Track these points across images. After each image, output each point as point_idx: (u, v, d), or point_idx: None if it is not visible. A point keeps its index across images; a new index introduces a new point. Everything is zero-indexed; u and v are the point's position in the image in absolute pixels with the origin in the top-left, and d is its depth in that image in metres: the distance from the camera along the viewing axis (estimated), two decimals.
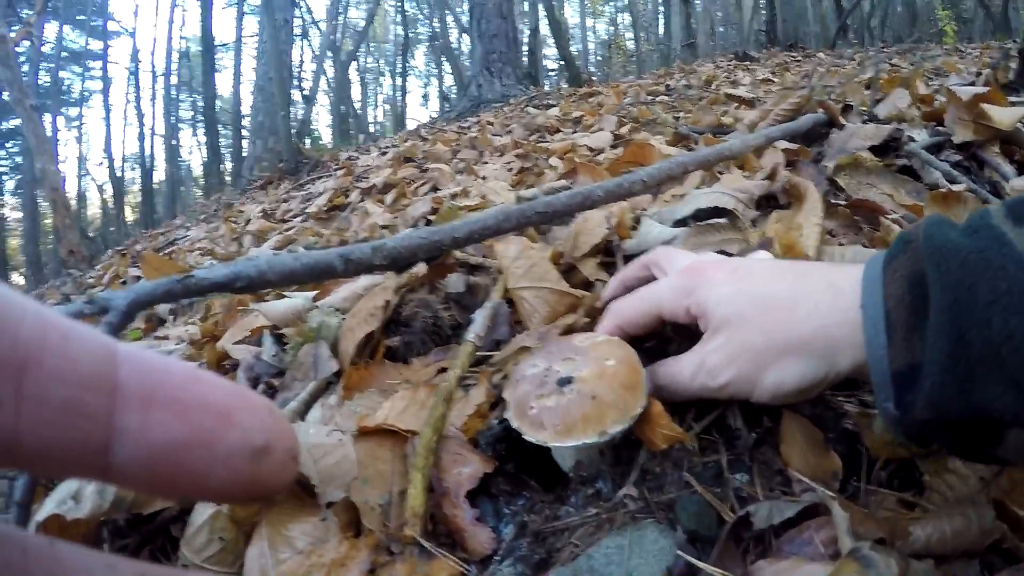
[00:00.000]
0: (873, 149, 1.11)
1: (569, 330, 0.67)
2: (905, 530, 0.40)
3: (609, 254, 0.94)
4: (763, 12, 8.01)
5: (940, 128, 1.18)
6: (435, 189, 2.50)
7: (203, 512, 0.59)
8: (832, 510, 0.42)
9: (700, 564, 0.40)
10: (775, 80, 3.55)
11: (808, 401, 0.54)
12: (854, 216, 0.87)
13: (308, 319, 0.98)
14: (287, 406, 0.84)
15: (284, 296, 1.27)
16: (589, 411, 0.44)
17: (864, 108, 1.42)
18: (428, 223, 1.78)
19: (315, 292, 1.18)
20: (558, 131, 3.05)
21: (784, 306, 0.46)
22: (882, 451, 0.49)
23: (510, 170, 2.30)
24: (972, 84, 1.64)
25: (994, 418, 0.34)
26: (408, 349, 0.90)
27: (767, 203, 1.01)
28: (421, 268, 1.05)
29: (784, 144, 1.11)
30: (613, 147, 2.11)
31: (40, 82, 16.82)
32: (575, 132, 2.84)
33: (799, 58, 5.51)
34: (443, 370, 0.80)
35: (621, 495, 0.47)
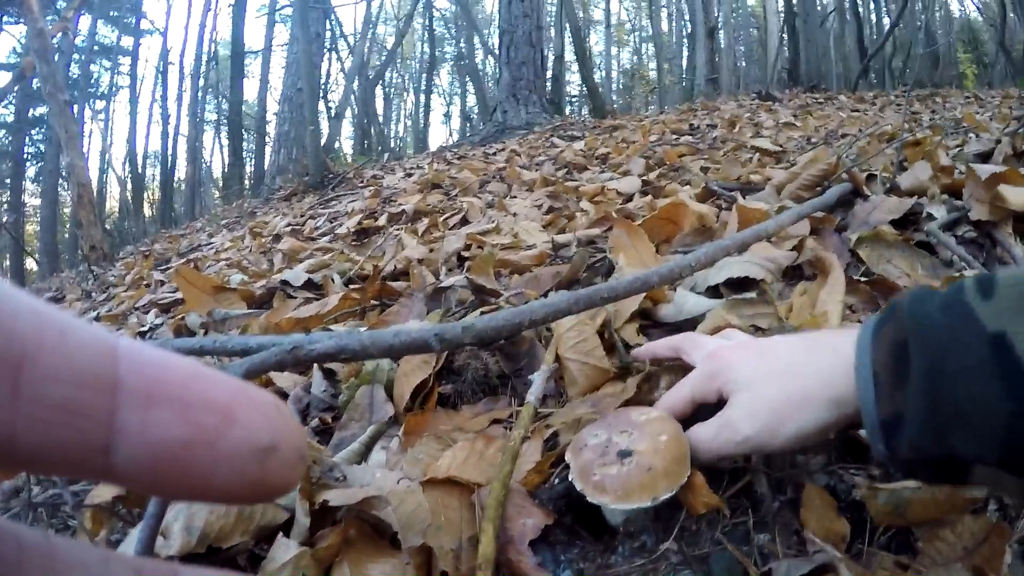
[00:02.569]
0: (894, 223, 1.20)
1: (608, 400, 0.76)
2: None
3: (646, 317, 1.03)
4: (787, 49, 8.16)
5: (957, 202, 1.26)
6: (465, 221, 2.60)
7: (287, 549, 0.66)
8: (839, 569, 0.51)
9: None
10: (797, 124, 3.65)
11: (825, 472, 0.63)
12: (873, 292, 0.96)
13: (364, 362, 1.07)
14: (348, 447, 0.94)
15: (330, 329, 1.37)
16: (645, 480, 0.54)
17: (887, 175, 1.51)
18: (461, 259, 1.88)
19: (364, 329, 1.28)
20: (585, 168, 3.16)
21: (797, 370, 0.55)
22: (884, 519, 0.58)
23: (539, 207, 2.40)
24: (992, 150, 1.73)
25: (962, 458, 0.42)
26: (459, 397, 0.99)
27: (793, 272, 1.10)
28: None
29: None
30: (642, 193, 2.21)
31: (69, 73, 17.15)
32: (602, 171, 2.94)
33: (820, 100, 5.61)
34: (495, 421, 0.90)
35: (663, 548, 0.57)
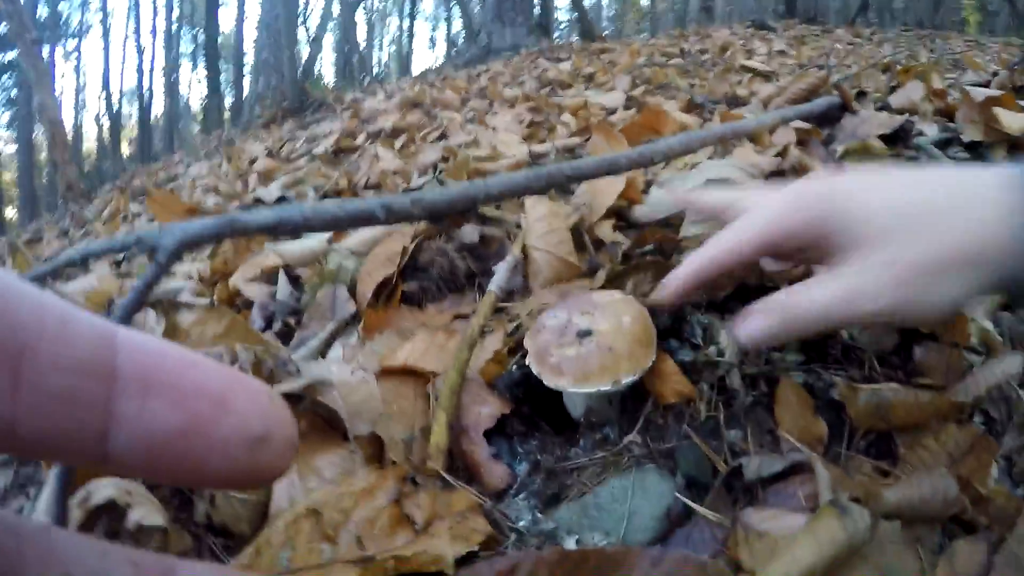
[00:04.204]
0: (883, 137, 1.14)
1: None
2: (878, 493, 0.45)
3: (621, 218, 0.97)
4: None
5: (950, 124, 1.20)
6: (444, 137, 2.50)
7: None
8: (816, 469, 0.47)
9: (696, 507, 0.45)
10: (791, 53, 3.52)
11: (802, 370, 0.58)
12: None
13: (326, 261, 1.01)
14: (307, 345, 0.89)
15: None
16: (606, 361, 0.49)
17: (879, 95, 1.44)
18: (438, 171, 1.80)
19: (330, 234, 1.22)
20: (570, 87, 3.03)
21: (947, 222, 0.43)
22: (864, 422, 0.53)
23: (521, 123, 2.30)
24: (988, 83, 1.65)
25: None
26: (424, 294, 0.94)
27: (776, 178, 1.05)
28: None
29: (797, 123, 1.14)
30: (626, 108, 2.12)
31: (38, 15, 16.30)
32: (588, 89, 2.83)
33: (817, 32, 5.43)
34: (458, 316, 0.85)
35: (627, 441, 0.52)
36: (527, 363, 0.53)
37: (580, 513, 0.46)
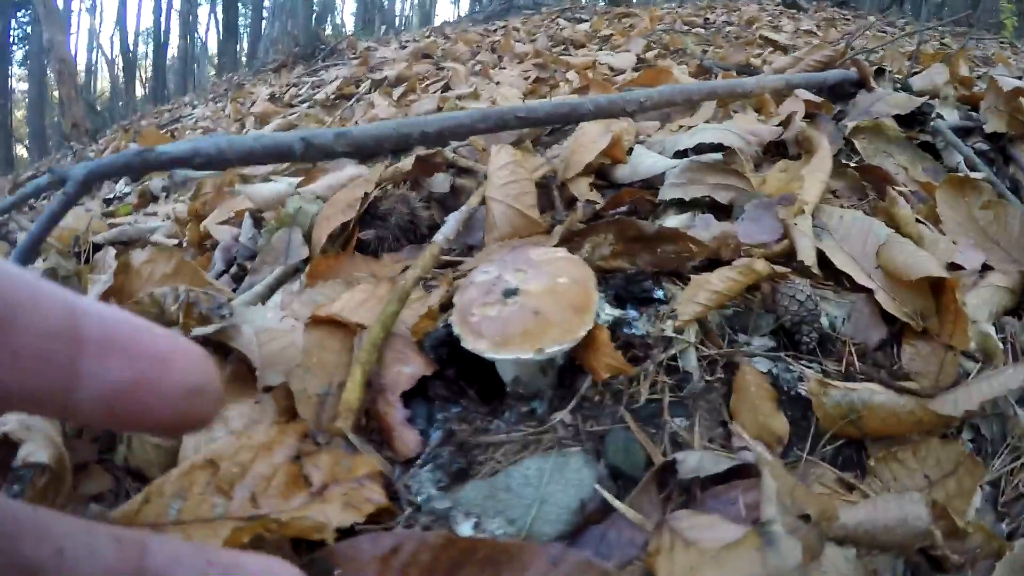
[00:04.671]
0: (899, 119, 1.05)
1: None
2: (834, 512, 0.38)
3: (603, 177, 0.90)
4: None
5: (973, 113, 1.11)
6: (447, 88, 2.41)
7: None
8: (763, 476, 0.40)
9: (615, 502, 0.39)
10: (818, 33, 3.37)
11: (769, 357, 0.52)
12: (862, 181, 0.83)
13: (286, 204, 0.95)
14: (252, 289, 0.83)
15: (271, 180, 1.24)
16: (530, 326, 0.42)
17: (900, 76, 1.34)
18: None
19: (301, 178, 1.15)
20: (584, 47, 2.92)
21: None
22: (832, 425, 0.47)
23: (526, 78, 2.21)
24: (1019, 77, 1.56)
25: None
26: (381, 244, 0.87)
27: (778, 151, 0.96)
28: (406, 164, 1.01)
29: (807, 95, 1.05)
30: (635, 70, 2.02)
31: None
32: (601, 50, 2.71)
33: (848, 16, 5.22)
34: (410, 268, 0.78)
35: (554, 419, 0.46)
36: (451, 321, 0.47)
37: (487, 494, 0.40)
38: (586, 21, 4.25)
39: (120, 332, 0.19)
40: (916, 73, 1.41)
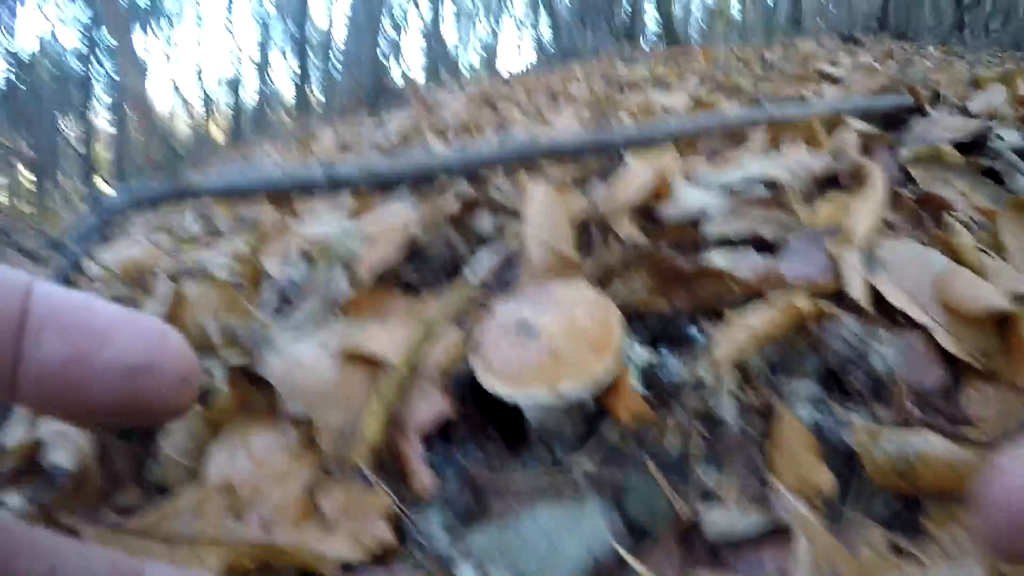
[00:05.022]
0: (958, 146, 0.99)
1: None
2: None
3: (648, 214, 0.87)
4: None
5: None
6: (502, 130, 2.45)
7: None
8: (798, 539, 0.36)
9: (631, 560, 0.35)
10: (877, 67, 3.28)
11: (813, 403, 0.47)
12: (919, 210, 0.78)
13: (332, 240, 0.97)
14: (293, 323, 0.84)
15: (323, 218, 1.27)
16: (546, 365, 0.40)
17: (957, 101, 1.28)
18: None
19: (353, 215, 1.18)
20: (639, 88, 2.92)
21: None
22: (882, 479, 0.41)
23: (580, 120, 2.22)
24: None
25: None
26: (422, 282, 0.87)
27: (830, 184, 0.92)
28: (449, 203, 1.02)
29: (860, 125, 1.01)
30: (689, 108, 2.00)
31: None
32: (655, 90, 2.71)
33: (907, 48, 5.08)
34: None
35: (574, 463, 0.43)
36: (470, 358, 0.45)
37: (497, 541, 0.38)
38: (642, 64, 4.27)
39: (62, 309, 0.18)
40: (973, 96, 1.34)
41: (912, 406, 0.45)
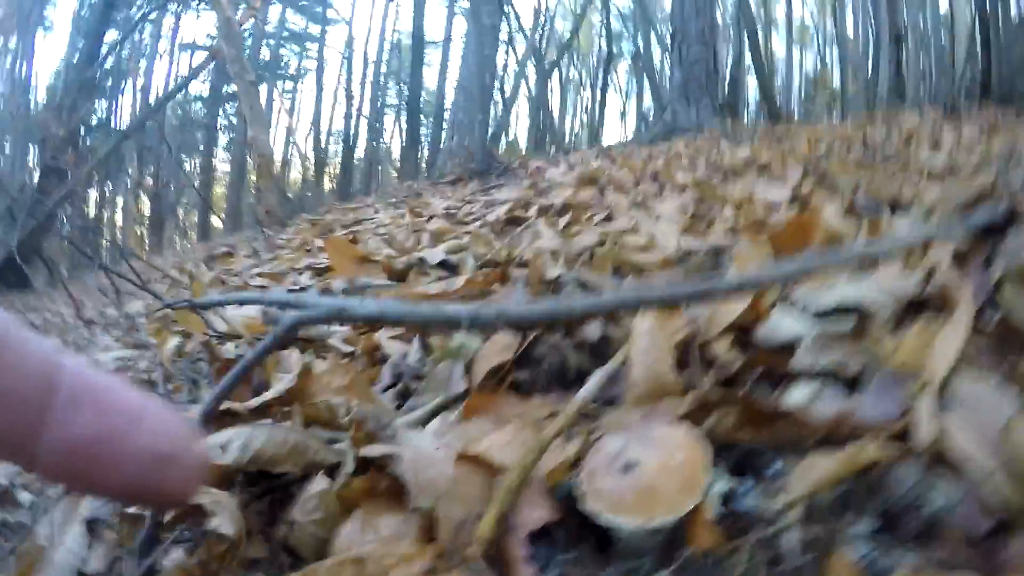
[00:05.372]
0: None
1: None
2: None
3: (745, 334, 0.90)
4: (978, 59, 7.00)
5: None
6: (610, 218, 2.54)
7: (319, 483, 0.72)
8: None
9: None
10: (978, 146, 3.16)
11: (867, 541, 0.52)
12: (999, 341, 0.80)
13: (454, 336, 1.08)
14: (412, 413, 0.95)
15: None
16: (642, 499, 0.49)
17: None
18: (592, 256, 1.83)
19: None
20: (742, 175, 2.97)
21: None
22: None
23: (684, 212, 2.28)
24: None
25: None
26: (533, 385, 0.96)
27: (921, 308, 0.93)
28: None
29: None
30: (791, 202, 2.04)
31: (260, 57, 18.79)
32: (760, 178, 2.76)
33: (1013, 117, 4.81)
34: (553, 414, 0.87)
35: None
36: (577, 479, 0.55)
37: None
38: (746, 145, 4.31)
39: (95, 387, 0.19)
40: None
41: (958, 551, 0.49)
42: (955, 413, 0.62)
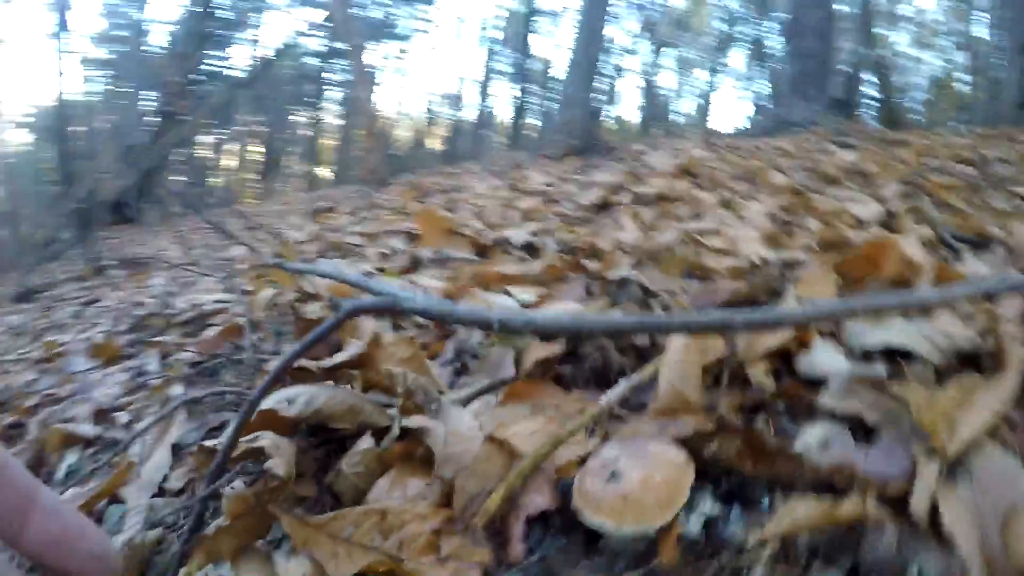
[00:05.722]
0: None
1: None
2: None
3: (788, 361, 0.90)
4: None
5: None
6: (697, 216, 2.52)
7: (366, 442, 0.83)
8: None
9: None
10: None
11: None
12: None
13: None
14: (461, 391, 1.03)
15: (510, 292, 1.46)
16: (618, 507, 0.54)
17: None
18: (667, 254, 1.84)
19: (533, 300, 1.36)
20: (840, 184, 2.84)
21: None
22: None
23: (771, 217, 2.23)
24: None
25: None
26: (574, 380, 1.02)
27: (973, 361, 0.89)
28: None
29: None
30: (881, 223, 1.96)
31: (370, 16, 18.59)
32: (856, 189, 2.64)
33: None
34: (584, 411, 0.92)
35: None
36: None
37: None
38: (854, 149, 4.08)
39: (58, 511, 0.33)
40: None
41: None
42: (962, 487, 0.60)
